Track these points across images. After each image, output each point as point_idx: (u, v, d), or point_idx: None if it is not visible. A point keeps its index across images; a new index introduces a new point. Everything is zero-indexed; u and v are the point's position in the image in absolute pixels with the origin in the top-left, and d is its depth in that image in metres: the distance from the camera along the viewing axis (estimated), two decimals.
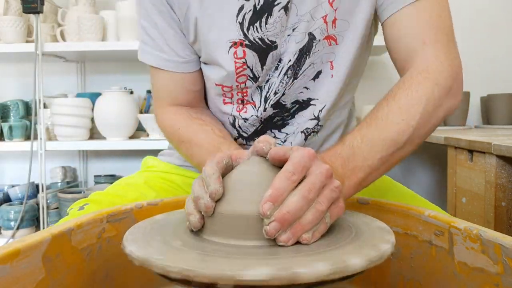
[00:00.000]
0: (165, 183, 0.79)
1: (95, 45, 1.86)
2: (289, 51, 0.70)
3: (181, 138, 0.73)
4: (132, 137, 1.98)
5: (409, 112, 0.59)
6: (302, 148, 0.43)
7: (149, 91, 2.09)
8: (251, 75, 0.71)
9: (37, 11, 1.78)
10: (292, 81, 0.72)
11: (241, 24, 0.68)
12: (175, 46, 0.73)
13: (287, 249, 0.40)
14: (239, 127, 0.77)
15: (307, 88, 0.73)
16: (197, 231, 0.44)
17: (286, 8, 0.67)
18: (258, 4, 0.67)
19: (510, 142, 1.03)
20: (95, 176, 2.19)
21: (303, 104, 0.75)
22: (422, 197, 0.76)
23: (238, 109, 0.75)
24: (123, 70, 2.20)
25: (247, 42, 0.69)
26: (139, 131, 2.01)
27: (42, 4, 1.79)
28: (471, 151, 1.19)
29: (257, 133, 0.77)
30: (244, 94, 0.73)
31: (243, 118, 0.75)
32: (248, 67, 0.70)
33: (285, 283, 0.34)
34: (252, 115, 0.75)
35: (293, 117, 0.76)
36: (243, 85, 0.72)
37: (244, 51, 0.69)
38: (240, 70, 0.70)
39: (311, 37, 0.69)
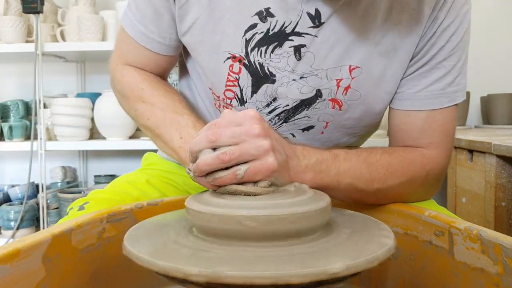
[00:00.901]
0: (167, 182, 0.78)
1: (95, 45, 1.86)
2: (290, 97, 0.66)
3: (143, 98, 0.70)
4: (132, 137, 1.98)
5: (393, 174, 0.62)
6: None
7: None
8: (239, 96, 0.68)
9: (37, 11, 1.78)
10: (282, 124, 0.69)
11: (247, 41, 0.64)
12: (161, 27, 0.69)
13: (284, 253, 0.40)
14: None
15: (293, 135, 0.71)
16: (195, 231, 0.44)
17: (297, 50, 0.63)
18: (272, 30, 0.63)
19: (510, 142, 1.04)
20: (95, 176, 2.19)
21: None
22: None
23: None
24: None
25: (246, 62, 0.65)
26: (139, 131, 2.01)
27: (42, 4, 1.79)
28: (471, 151, 1.19)
29: None
30: (235, 106, 0.70)
31: None
32: (239, 85, 0.67)
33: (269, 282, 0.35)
34: None
35: None
36: (228, 101, 0.69)
37: (240, 68, 0.65)
38: (230, 84, 0.67)
39: (318, 93, 0.66)
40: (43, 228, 1.66)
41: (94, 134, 2.02)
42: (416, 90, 0.66)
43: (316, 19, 0.61)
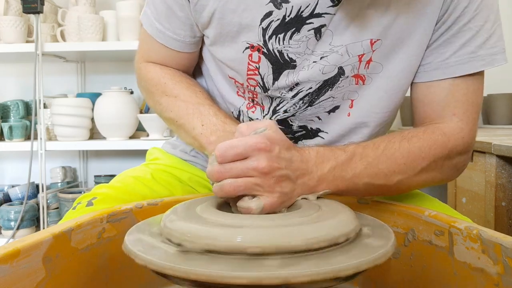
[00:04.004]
0: (172, 178, 0.78)
1: (95, 45, 1.86)
2: (312, 79, 0.65)
3: (166, 92, 0.71)
4: (132, 137, 1.98)
5: (413, 162, 0.60)
6: (255, 137, 0.48)
7: None
8: (261, 83, 0.68)
9: (37, 11, 1.78)
10: (306, 107, 0.68)
11: (264, 30, 0.63)
12: (174, 24, 0.70)
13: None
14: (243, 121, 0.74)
15: (319, 118, 0.70)
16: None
17: (317, 31, 0.62)
18: (288, 16, 0.61)
19: (510, 142, 1.03)
20: (95, 176, 2.19)
21: (310, 133, 0.71)
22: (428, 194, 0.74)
23: (248, 106, 0.72)
24: (123, 70, 2.20)
25: (264, 50, 0.64)
26: (139, 131, 2.01)
27: (42, 4, 1.80)
28: None
29: None
30: (254, 95, 0.71)
31: (249, 117, 0.72)
32: (260, 74, 0.67)
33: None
34: (258, 118, 0.72)
35: (296, 143, 0.71)
36: (252, 88, 0.69)
37: (259, 57, 0.65)
38: (251, 73, 0.67)
39: (340, 71, 0.64)
40: (43, 228, 1.66)
41: (94, 134, 2.02)
42: (445, 57, 0.63)
43: None
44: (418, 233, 0.55)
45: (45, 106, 1.93)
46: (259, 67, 0.66)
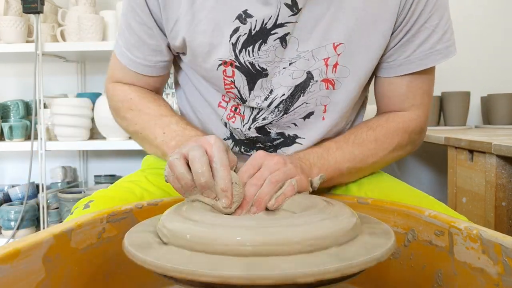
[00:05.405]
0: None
1: (95, 45, 1.86)
2: (283, 85, 0.69)
3: (131, 107, 0.75)
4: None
5: (381, 146, 0.71)
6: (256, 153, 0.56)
7: None
8: (239, 95, 0.71)
9: (37, 11, 1.78)
10: (282, 115, 0.72)
11: (234, 45, 0.67)
12: (145, 52, 0.74)
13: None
14: (231, 130, 0.77)
15: (295, 125, 0.73)
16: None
17: (283, 40, 0.66)
18: (254, 29, 0.66)
19: (510, 142, 1.03)
20: (95, 176, 2.19)
21: (288, 140, 0.75)
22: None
23: (228, 117, 0.75)
24: None
25: (237, 64, 0.68)
26: None
27: (42, 4, 1.80)
28: (471, 151, 1.19)
29: (246, 144, 0.77)
30: (239, 104, 0.74)
31: (232, 127, 0.76)
32: (236, 87, 0.70)
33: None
34: (238, 128, 0.75)
35: (275, 151, 0.76)
36: (233, 100, 0.73)
37: (233, 71, 0.69)
38: (228, 87, 0.71)
39: (309, 76, 0.68)
40: (43, 228, 1.66)
41: (94, 134, 2.01)
42: (407, 55, 0.70)
43: (294, 7, 0.64)
44: (418, 233, 0.55)
45: (45, 106, 1.93)
46: (234, 80, 0.70)
